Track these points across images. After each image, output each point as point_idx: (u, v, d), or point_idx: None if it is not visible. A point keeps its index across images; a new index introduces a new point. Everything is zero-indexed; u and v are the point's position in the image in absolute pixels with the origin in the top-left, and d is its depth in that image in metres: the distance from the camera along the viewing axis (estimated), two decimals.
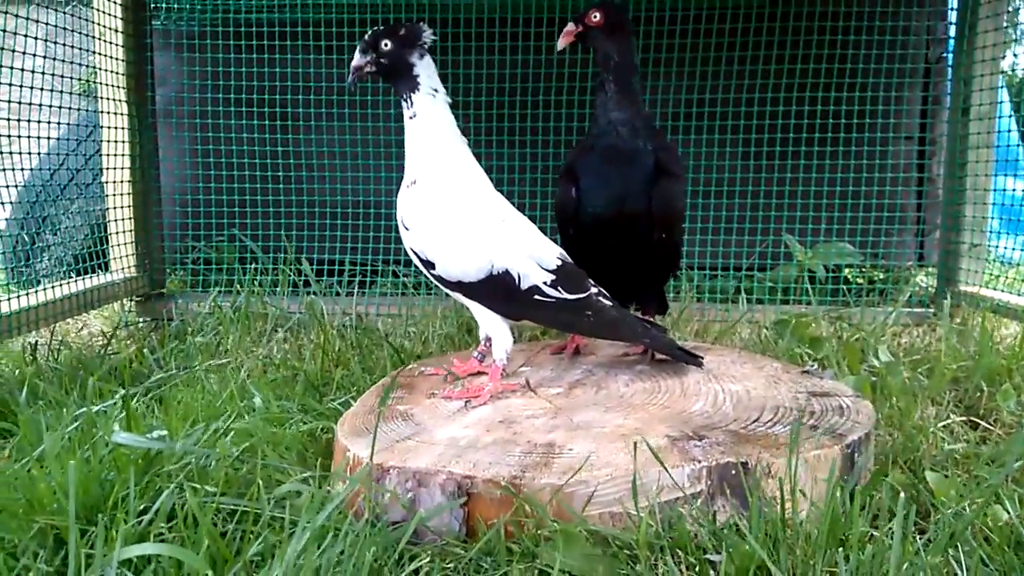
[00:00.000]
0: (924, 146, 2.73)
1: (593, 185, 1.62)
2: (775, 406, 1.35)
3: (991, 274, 2.44)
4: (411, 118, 1.51)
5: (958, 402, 1.70)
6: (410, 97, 1.50)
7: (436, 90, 1.51)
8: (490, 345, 1.56)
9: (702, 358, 1.57)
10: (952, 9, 2.58)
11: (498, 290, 1.46)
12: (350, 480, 1.00)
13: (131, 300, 2.62)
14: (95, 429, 1.16)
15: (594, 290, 1.51)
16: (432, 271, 1.49)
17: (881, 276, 2.85)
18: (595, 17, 1.62)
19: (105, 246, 2.53)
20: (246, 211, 2.80)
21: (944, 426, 1.51)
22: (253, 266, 2.72)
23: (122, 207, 2.50)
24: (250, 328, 2.36)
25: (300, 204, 2.82)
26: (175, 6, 2.78)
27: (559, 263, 1.49)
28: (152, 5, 2.65)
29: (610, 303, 1.51)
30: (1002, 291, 2.32)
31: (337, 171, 2.82)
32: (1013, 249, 2.67)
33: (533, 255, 1.48)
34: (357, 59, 1.48)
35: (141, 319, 2.62)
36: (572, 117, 2.73)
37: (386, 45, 1.47)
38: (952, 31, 2.49)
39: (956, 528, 0.93)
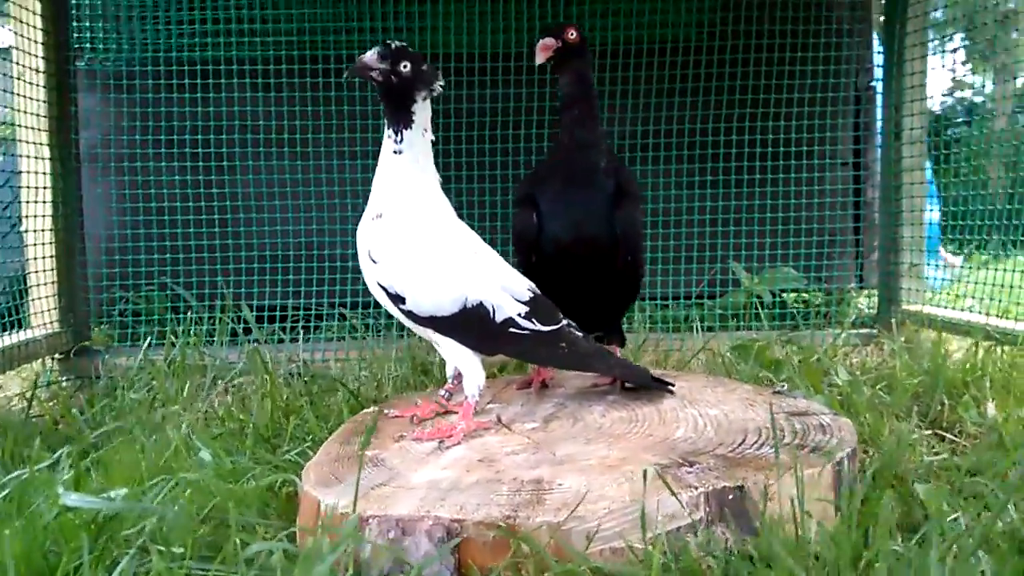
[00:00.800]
0: (859, 171, 2.82)
1: (555, 210, 1.58)
2: (757, 428, 1.32)
3: (931, 291, 2.51)
4: (395, 152, 1.44)
5: (922, 416, 1.72)
6: (401, 132, 1.43)
7: (426, 130, 1.45)
8: (458, 383, 1.49)
9: (673, 385, 1.54)
10: (878, 38, 2.69)
11: (472, 323, 1.39)
12: (344, 533, 0.90)
13: (53, 358, 2.44)
14: (29, 496, 1.04)
15: (564, 321, 1.46)
16: (402, 306, 1.41)
17: (818, 300, 2.91)
18: (571, 35, 1.58)
19: (24, 300, 2.35)
20: (179, 258, 2.66)
21: (915, 440, 1.51)
22: (187, 315, 2.56)
23: (43, 257, 2.33)
24: (187, 381, 2.21)
25: (237, 248, 2.69)
26: (100, 45, 2.66)
27: (531, 294, 1.44)
28: (76, 45, 2.52)
29: (581, 334, 1.47)
30: (945, 307, 2.38)
31: (276, 213, 2.72)
32: (933, 278, 2.74)
33: (506, 286, 1.42)
34: (371, 59, 1.38)
35: (65, 378, 2.43)
36: (530, 150, 2.71)
37: (405, 67, 1.39)
38: (879, 60, 2.59)
39: (974, 533, 0.91)
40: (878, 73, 2.70)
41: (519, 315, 1.40)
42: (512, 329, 1.40)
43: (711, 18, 2.76)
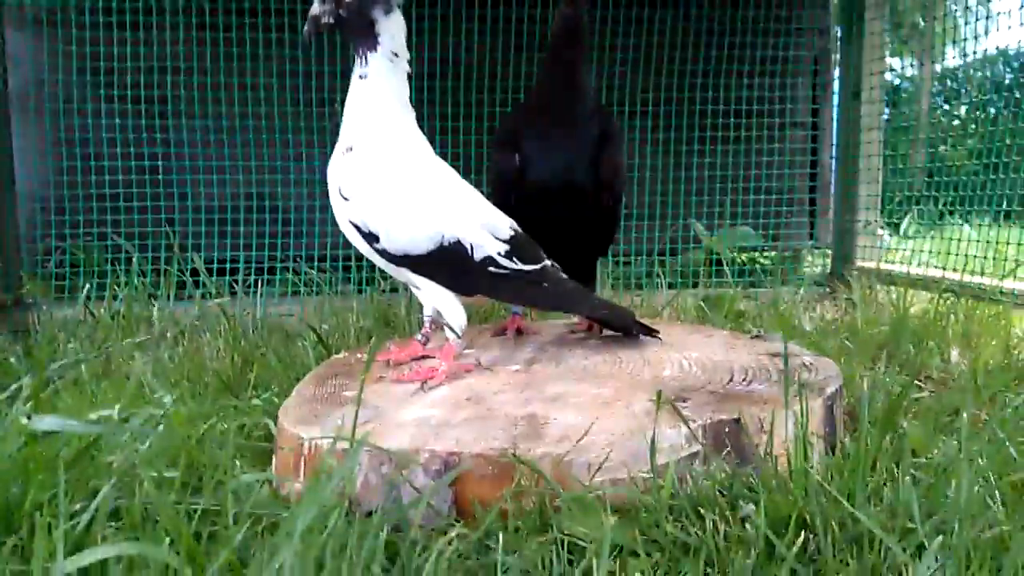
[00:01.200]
0: (816, 131, 2.86)
1: (540, 151, 1.53)
2: (743, 367, 1.31)
3: (888, 248, 2.57)
4: (360, 78, 1.35)
5: (888, 364, 1.75)
6: (365, 55, 1.34)
7: (396, 54, 1.36)
8: (435, 327, 1.44)
9: (658, 331, 1.52)
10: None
11: (449, 262, 1.33)
12: (344, 461, 0.85)
13: None
14: None
15: (547, 261, 1.42)
16: (375, 245, 1.34)
17: (769, 258, 2.96)
18: None
19: None
20: (119, 206, 2.51)
21: (889, 383, 1.53)
22: (129, 268, 2.42)
23: None
24: (133, 334, 2.10)
25: (182, 198, 2.56)
26: None
27: (512, 233, 1.39)
28: None
29: (564, 275, 1.43)
30: (901, 264, 2.44)
31: (225, 161, 2.59)
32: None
33: (486, 224, 1.37)
34: (315, 7, 1.31)
35: None
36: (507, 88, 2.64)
37: None
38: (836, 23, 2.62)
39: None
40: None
41: (499, 254, 1.35)
42: (492, 268, 1.35)
43: None
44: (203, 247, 2.53)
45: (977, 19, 2.30)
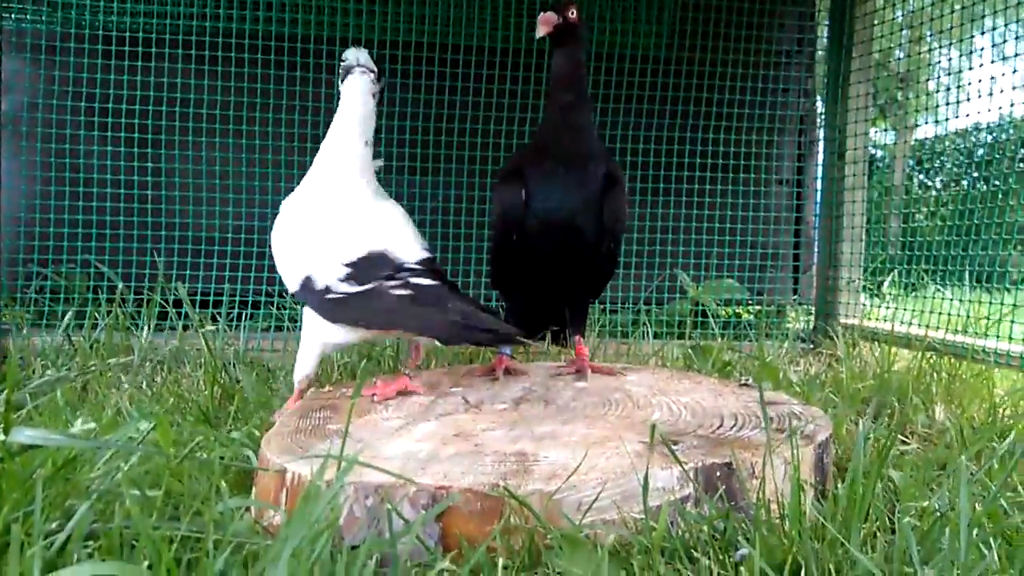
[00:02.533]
0: (800, 188, 2.91)
1: (546, 190, 1.52)
2: (732, 413, 1.30)
3: (870, 306, 2.59)
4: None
5: (874, 418, 1.75)
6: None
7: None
8: (416, 356, 1.46)
9: (518, 334, 1.36)
10: (821, 64, 2.80)
11: (308, 294, 1.41)
12: (333, 485, 0.82)
13: None
14: None
15: (392, 283, 1.35)
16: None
17: (753, 312, 2.98)
18: (572, 13, 1.54)
19: None
20: (104, 233, 2.48)
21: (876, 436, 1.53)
22: (112, 296, 2.39)
23: None
24: (110, 363, 2.06)
25: (170, 228, 2.54)
26: (30, 5, 2.48)
27: (419, 258, 1.42)
28: (3, 3, 2.34)
29: (415, 289, 1.35)
30: (883, 321, 2.46)
31: (216, 193, 2.58)
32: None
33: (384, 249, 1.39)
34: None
35: None
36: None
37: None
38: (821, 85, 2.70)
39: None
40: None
41: (338, 279, 1.37)
42: (329, 296, 1.37)
43: (666, 36, 2.81)
44: (187, 278, 2.50)
45: (950, 91, 2.37)
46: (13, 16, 2.51)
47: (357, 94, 1.57)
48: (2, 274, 2.37)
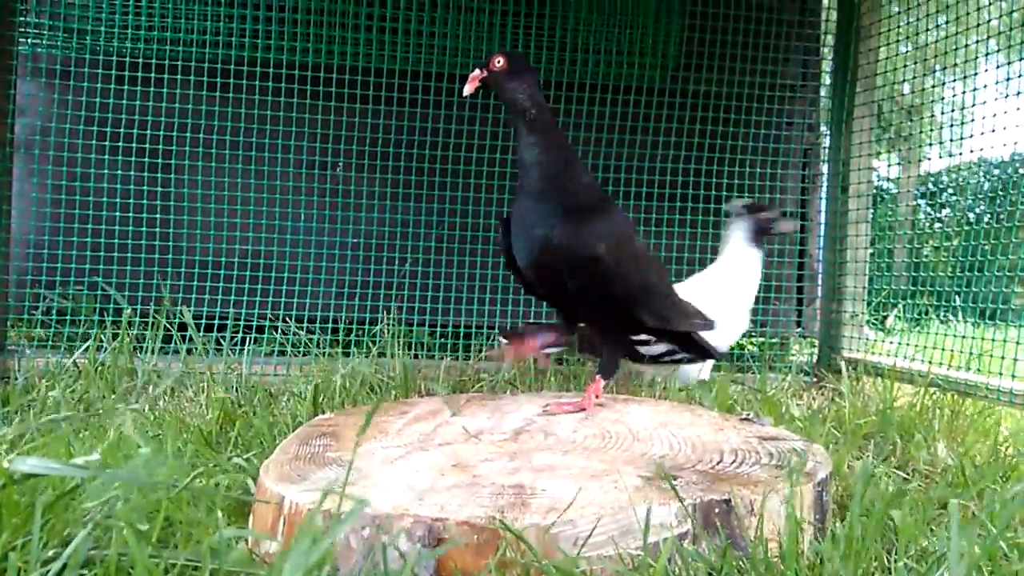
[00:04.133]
0: (804, 221, 2.92)
1: (513, 234, 1.55)
2: (732, 449, 1.30)
3: (873, 341, 2.59)
4: None
5: (875, 455, 1.74)
6: None
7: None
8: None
9: None
10: (826, 98, 2.83)
11: None
12: (334, 521, 0.82)
13: None
14: None
15: None
16: None
17: (756, 344, 2.97)
18: (498, 62, 1.57)
19: None
20: (113, 256, 2.51)
21: (878, 473, 1.52)
22: (118, 319, 2.41)
23: None
24: (115, 386, 2.07)
25: (177, 252, 2.56)
26: (47, 30, 2.52)
27: None
28: (20, 26, 2.39)
29: None
30: (887, 356, 2.45)
31: (224, 218, 2.60)
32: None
33: None
34: None
35: None
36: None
37: None
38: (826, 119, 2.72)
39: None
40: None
41: None
42: None
43: (671, 68, 2.84)
44: (193, 302, 2.52)
45: (955, 127, 2.38)
46: (29, 40, 2.56)
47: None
48: (10, 295, 2.38)
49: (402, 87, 2.66)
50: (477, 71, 1.59)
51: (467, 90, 1.60)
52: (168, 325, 2.36)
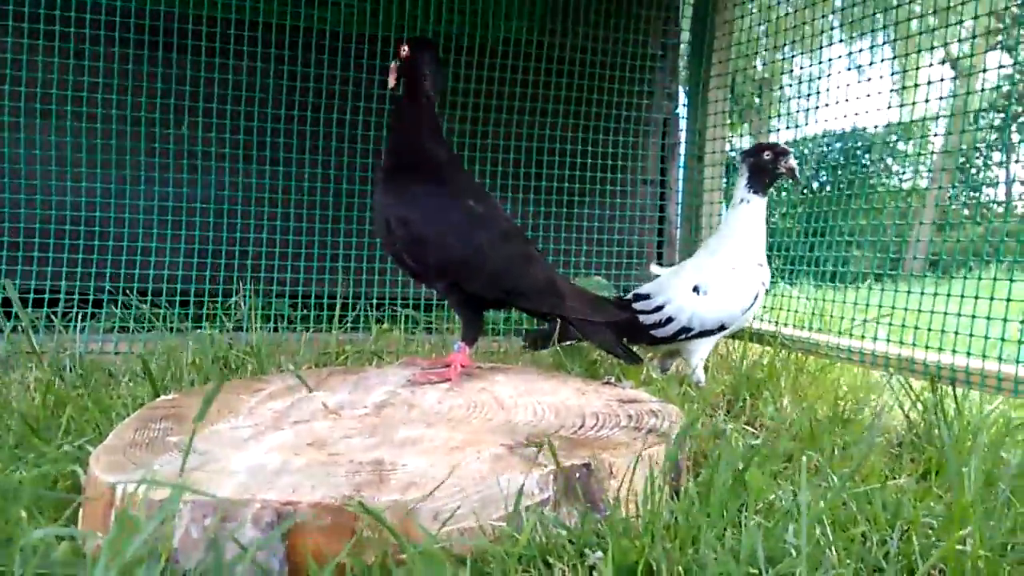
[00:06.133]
0: (664, 188, 3.00)
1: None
2: (594, 413, 1.31)
3: None
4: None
5: (727, 411, 1.82)
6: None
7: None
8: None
9: None
10: (684, 69, 2.90)
11: None
12: (159, 512, 0.75)
13: None
14: None
15: None
16: None
17: None
18: (403, 51, 1.66)
19: None
20: None
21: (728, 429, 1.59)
22: None
23: None
24: None
25: None
26: None
27: None
28: None
29: None
30: None
31: (52, 180, 2.35)
32: None
33: None
34: None
35: None
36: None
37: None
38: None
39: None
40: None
41: None
42: None
43: (537, 33, 2.82)
44: (19, 274, 2.28)
45: (801, 98, 2.51)
46: None
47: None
48: None
49: (252, 40, 2.49)
50: (394, 63, 1.66)
51: (391, 83, 1.67)
52: None
